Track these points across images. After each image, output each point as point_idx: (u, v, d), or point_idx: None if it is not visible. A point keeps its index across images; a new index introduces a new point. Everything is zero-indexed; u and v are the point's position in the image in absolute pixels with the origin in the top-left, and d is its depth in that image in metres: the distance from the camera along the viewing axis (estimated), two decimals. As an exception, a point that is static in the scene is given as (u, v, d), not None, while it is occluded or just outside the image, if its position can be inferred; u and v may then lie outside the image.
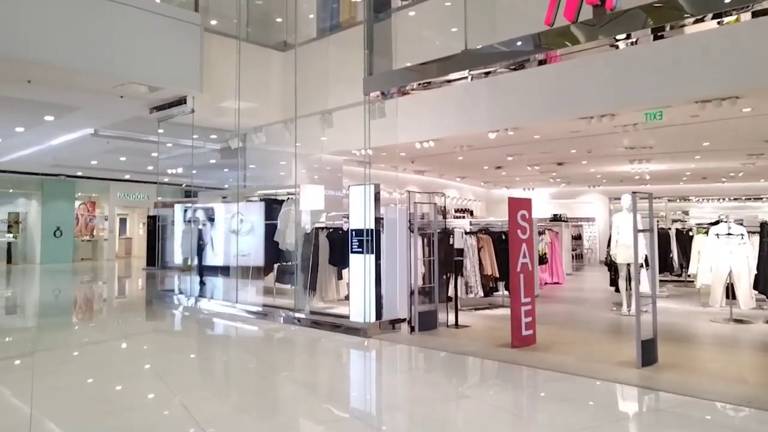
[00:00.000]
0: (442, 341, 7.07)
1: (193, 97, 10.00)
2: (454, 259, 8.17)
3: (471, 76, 6.72)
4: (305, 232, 8.97)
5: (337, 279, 8.99)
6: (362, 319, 7.49)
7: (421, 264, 7.78)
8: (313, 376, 5.97)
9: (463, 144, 11.13)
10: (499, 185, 21.76)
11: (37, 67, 8.25)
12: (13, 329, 8.75)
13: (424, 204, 7.83)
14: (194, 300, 10.56)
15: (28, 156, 17.19)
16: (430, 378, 5.77)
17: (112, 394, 5.12)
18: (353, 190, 7.70)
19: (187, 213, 11.71)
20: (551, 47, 5.98)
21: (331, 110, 8.87)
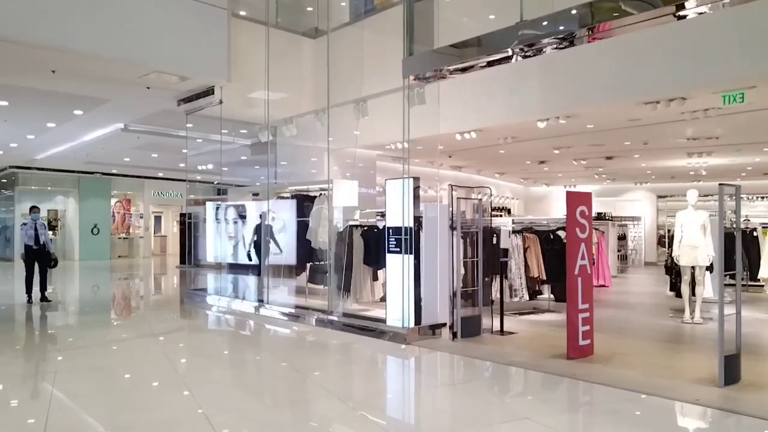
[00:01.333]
0: (487, 350, 6.41)
1: (221, 88, 9.58)
2: (500, 260, 7.48)
3: (517, 53, 6.04)
4: (338, 230, 8.42)
5: (372, 280, 8.40)
6: (400, 323, 6.89)
7: (462, 265, 7.12)
8: (347, 386, 5.39)
9: (507, 135, 10.39)
10: (539, 182, 20.79)
11: (60, 55, 7.94)
12: (54, 326, 8.49)
13: (466, 200, 7.17)
14: (226, 300, 10.16)
15: (63, 153, 17.22)
16: (476, 392, 5.12)
17: (132, 401, 4.65)
18: (390, 185, 7.10)
19: (217, 210, 11.39)
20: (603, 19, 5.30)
21: (365, 98, 8.27)
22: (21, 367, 5.99)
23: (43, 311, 9.41)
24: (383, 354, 6.65)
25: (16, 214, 21.52)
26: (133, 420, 4.25)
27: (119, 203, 25.30)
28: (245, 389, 5.27)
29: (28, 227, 10.20)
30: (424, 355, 6.45)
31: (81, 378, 5.55)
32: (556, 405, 4.90)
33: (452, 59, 6.49)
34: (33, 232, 10.15)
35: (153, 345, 7.05)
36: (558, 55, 7.06)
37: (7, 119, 12.55)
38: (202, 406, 4.50)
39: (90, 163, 19.98)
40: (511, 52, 6.12)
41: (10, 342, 7.29)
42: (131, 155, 17.93)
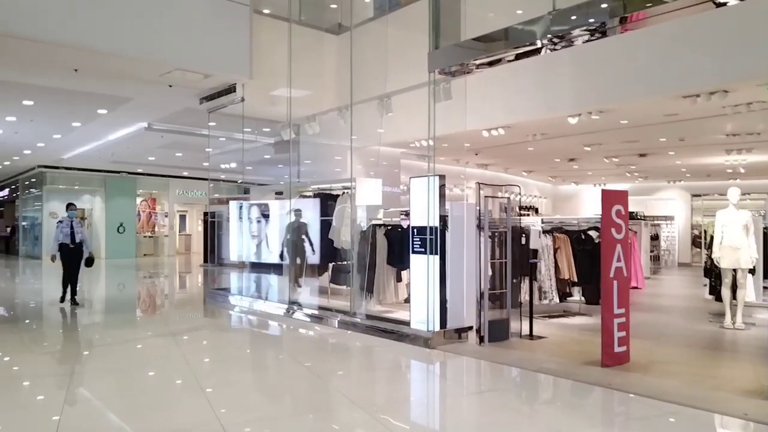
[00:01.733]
0: (517, 355, 6.12)
1: (242, 85, 9.44)
2: (530, 261, 7.18)
3: (546, 45, 5.75)
4: (361, 229, 8.20)
5: (395, 281, 8.18)
6: (425, 327, 6.64)
7: (489, 266, 6.83)
8: (369, 392, 5.17)
9: (536, 132, 10.04)
10: (568, 180, 20.26)
11: (82, 53, 7.89)
12: (79, 324, 8.47)
13: (494, 199, 6.88)
14: (248, 300, 10.04)
15: (88, 152, 17.38)
16: (505, 401, 4.85)
17: (149, 404, 4.50)
18: (415, 183, 6.86)
19: (240, 209, 11.33)
20: (636, 8, 4.99)
21: (390, 94, 8.03)
22: (40, 366, 5.91)
23: (71, 310, 9.33)
24: (407, 358, 6.41)
25: (44, 213, 21.86)
26: (149, 424, 4.09)
27: (145, 202, 25.52)
28: (264, 394, 5.09)
29: (64, 225, 9.71)
30: (449, 360, 6.20)
31: (99, 379, 5.44)
32: (590, 417, 4.61)
33: (479, 52, 6.22)
34: (69, 230, 9.66)
35: (173, 346, 6.93)
36: (590, 48, 6.72)
37: (33, 119, 12.64)
38: (219, 411, 4.32)
39: (116, 163, 20.15)
40: (540, 44, 5.83)
41: (31, 340, 7.25)
42: (156, 154, 18.02)
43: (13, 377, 5.49)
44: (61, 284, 9.82)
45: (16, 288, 14.23)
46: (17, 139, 15.26)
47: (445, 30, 6.53)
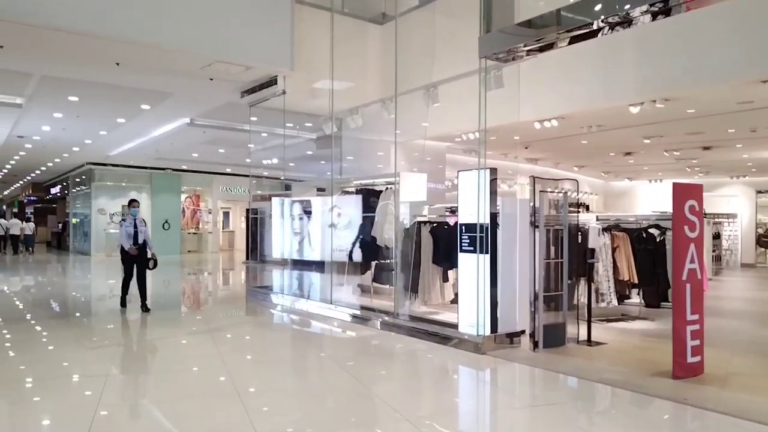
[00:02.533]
0: (575, 363, 5.64)
1: (284, 77, 9.20)
2: (588, 261, 6.65)
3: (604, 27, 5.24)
4: (406, 226, 7.83)
5: (441, 281, 7.76)
6: (474, 330, 6.21)
7: (543, 267, 6.35)
8: (414, 401, 4.80)
9: (592, 123, 9.42)
10: (621, 176, 19.27)
11: (123, 46, 7.77)
12: (122, 322, 8.42)
13: (549, 195, 6.39)
14: (290, 298, 9.83)
15: (134, 149, 17.60)
16: (564, 415, 4.39)
17: (183, 409, 4.26)
18: (464, 177, 6.43)
19: (282, 206, 11.18)
20: None
21: (436, 83, 7.61)
22: (79, 365, 5.78)
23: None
24: (455, 364, 6.00)
25: (92, 210, 22.36)
26: (181, 430, 3.85)
27: (189, 199, 25.84)
28: (303, 400, 4.77)
29: (128, 224, 8.85)
30: (501, 366, 5.76)
31: (135, 380, 5.26)
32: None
33: (534, 35, 5.73)
34: (133, 229, 8.81)
35: (212, 346, 6.72)
36: (656, 29, 6.15)
37: (79, 115, 12.78)
38: (254, 417, 4.03)
39: (160, 159, 20.40)
40: (596, 26, 5.32)
41: (73, 337, 7.18)
42: (199, 150, 18.10)
43: (53, 376, 5.36)
44: (121, 288, 9.13)
45: (66, 284, 14.48)
46: (65, 136, 15.54)
47: (497, 13, 6.07)
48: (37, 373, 5.40)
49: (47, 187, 31.81)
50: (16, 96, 11.21)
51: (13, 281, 14.58)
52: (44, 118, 13.08)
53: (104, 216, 22.49)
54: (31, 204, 34.92)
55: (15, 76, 9.67)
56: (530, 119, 8.54)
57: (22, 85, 10.33)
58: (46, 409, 4.46)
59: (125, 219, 9.03)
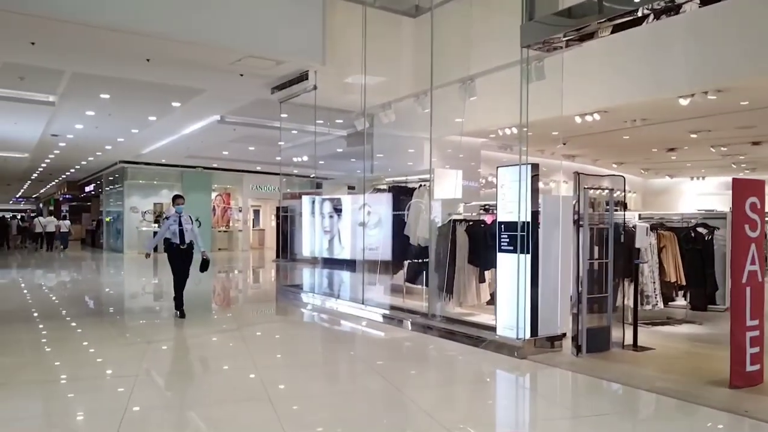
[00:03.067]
0: (621, 370, 5.32)
1: (315, 72, 9.03)
2: (634, 261, 6.30)
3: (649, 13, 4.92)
4: (440, 225, 7.58)
5: (477, 281, 7.49)
6: (513, 333, 5.94)
7: (587, 267, 6.03)
8: (451, 409, 4.57)
9: (636, 117, 8.99)
10: (662, 173, 18.55)
11: (153, 41, 7.71)
12: (151, 320, 8.41)
13: (594, 192, 6.07)
14: (320, 298, 9.67)
15: (165, 147, 17.72)
16: (613, 427, 4.09)
17: (210, 414, 4.11)
18: (503, 173, 6.16)
19: (312, 204, 11.08)
20: None
21: (473, 76, 7.34)
22: (107, 366, 5.70)
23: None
24: (493, 369, 5.74)
25: (125, 207, 22.65)
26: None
27: (219, 197, 25.99)
28: (334, 407, 4.57)
29: (171, 221, 8.14)
30: (542, 372, 5.47)
31: (162, 382, 5.15)
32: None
33: (576, 24, 5.42)
34: (177, 227, 8.08)
35: (242, 346, 6.59)
36: (710, 14, 5.77)
37: (111, 113, 12.85)
38: (285, 423, 3.85)
39: (191, 157, 20.53)
40: (641, 13, 5.00)
41: (106, 336, 7.14)
42: (229, 148, 18.14)
43: (76, 377, 5.29)
44: (173, 290, 8.33)
45: (99, 281, 14.63)
46: (98, 135, 15.70)
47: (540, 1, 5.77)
48: (67, 370, 5.34)
49: (82, 186, 32.44)
50: (49, 94, 11.28)
51: (49, 277, 14.84)
52: (77, 116, 13.21)
53: (136, 214, 22.77)
54: (67, 202, 35.68)
55: (47, 73, 9.72)
56: (571, 113, 8.18)
57: (54, 83, 10.40)
58: (76, 408, 4.37)
59: (169, 216, 8.29)
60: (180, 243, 8.07)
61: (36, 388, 4.80)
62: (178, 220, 8.13)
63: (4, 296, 10.81)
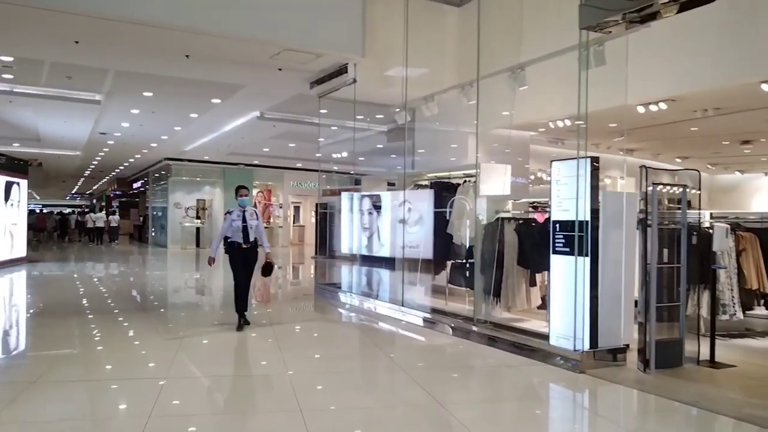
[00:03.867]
0: (699, 391, 4.69)
1: (354, 65, 8.65)
2: (712, 266, 5.64)
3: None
4: (487, 223, 7.08)
5: (528, 285, 6.95)
6: (570, 344, 5.39)
7: (655, 272, 5.42)
8: (500, 427, 4.08)
9: (707, 106, 8.18)
10: (731, 168, 17.18)
11: (193, 37, 7.52)
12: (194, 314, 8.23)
13: (663, 188, 5.45)
14: (358, 298, 9.31)
15: (207, 144, 17.76)
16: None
17: (234, 421, 3.78)
18: (558, 168, 5.61)
19: (351, 201, 10.80)
20: None
21: (524, 64, 6.79)
22: (133, 368, 5.46)
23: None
24: (547, 384, 5.21)
25: (169, 203, 22.93)
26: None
27: (261, 193, 26.08)
28: (370, 424, 4.16)
29: (235, 216, 7.10)
30: (604, 389, 4.92)
31: (190, 385, 4.84)
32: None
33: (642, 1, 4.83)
34: (241, 223, 7.07)
35: (274, 348, 6.25)
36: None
37: (155, 111, 12.87)
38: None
39: (233, 154, 20.58)
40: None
41: (137, 327, 6.96)
42: (269, 145, 18.04)
43: (104, 379, 5.06)
44: (234, 296, 7.27)
45: (144, 275, 14.72)
46: (143, 132, 15.85)
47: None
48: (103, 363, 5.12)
49: (130, 182, 33.23)
50: (95, 93, 11.39)
51: (98, 268, 15.28)
52: (122, 114, 13.30)
53: (179, 210, 23.03)
54: (117, 198, 36.66)
55: (92, 72, 9.77)
56: (634, 102, 7.50)
57: (99, 82, 10.45)
58: (87, 410, 4.11)
59: (231, 211, 7.22)
60: (243, 242, 7.07)
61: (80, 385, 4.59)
62: (242, 215, 7.11)
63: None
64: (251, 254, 7.18)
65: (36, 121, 14.16)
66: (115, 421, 4.09)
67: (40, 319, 8.15)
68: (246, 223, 7.06)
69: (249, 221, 7.08)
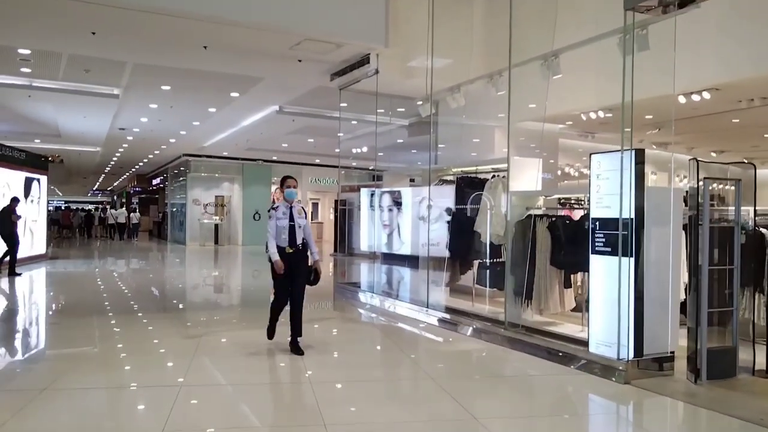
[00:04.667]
0: (758, 406, 4.29)
1: (377, 55, 8.31)
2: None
3: None
4: (517, 221, 6.70)
5: (561, 286, 6.55)
6: (611, 352, 5.00)
7: (706, 275, 5.00)
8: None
9: (754, 96, 7.68)
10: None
11: (211, 27, 7.26)
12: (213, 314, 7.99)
13: (715, 183, 5.03)
14: (379, 298, 8.99)
15: (226, 140, 17.58)
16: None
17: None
18: (599, 161, 5.21)
19: (371, 197, 10.52)
20: None
21: (558, 51, 6.37)
22: (152, 371, 5.20)
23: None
24: (588, 395, 4.82)
25: (188, 200, 22.83)
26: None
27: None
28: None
29: (281, 213, 5.70)
30: (651, 403, 4.52)
31: (206, 391, 4.56)
32: None
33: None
34: (287, 221, 5.68)
35: (295, 356, 5.95)
36: None
37: (173, 105, 12.68)
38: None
39: (251, 150, 20.40)
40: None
41: (156, 327, 6.72)
42: (288, 140, 17.79)
43: (121, 384, 4.80)
44: (270, 313, 5.98)
45: (163, 273, 14.58)
46: (162, 128, 15.70)
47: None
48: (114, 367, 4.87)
49: (150, 179, 33.33)
50: (113, 87, 11.25)
51: (119, 264, 15.09)
52: (141, 108, 13.15)
53: (198, 206, 22.93)
54: (137, 194, 36.85)
55: (110, 65, 9.59)
56: (676, 91, 7.02)
57: (117, 76, 10.28)
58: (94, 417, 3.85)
59: (276, 207, 5.81)
60: (289, 244, 5.68)
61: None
62: (289, 212, 5.70)
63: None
64: (300, 261, 5.76)
65: (56, 117, 14.10)
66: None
67: (59, 318, 7.98)
68: (294, 222, 5.69)
69: (297, 220, 5.70)
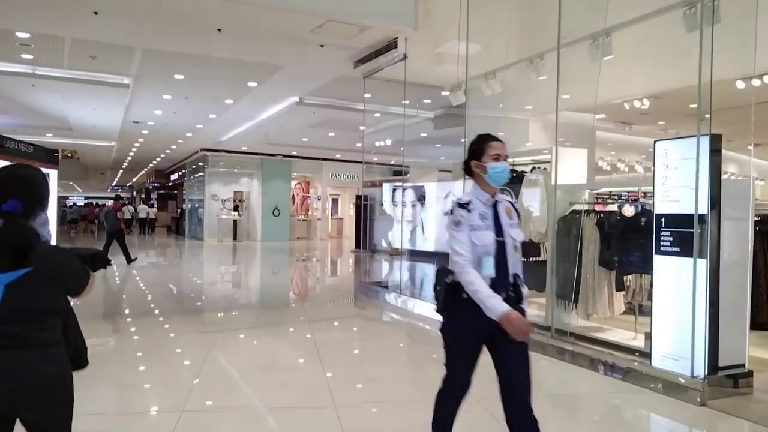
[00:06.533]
0: None
1: (405, 39, 7.74)
2: None
3: None
4: (561, 216, 6.11)
5: (611, 289, 5.94)
6: (680, 368, 4.39)
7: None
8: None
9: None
10: (809, 157, 15.55)
11: (225, 6, 6.72)
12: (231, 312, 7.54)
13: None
14: (402, 299, 8.45)
15: (244, 134, 17.15)
16: None
17: None
18: (665, 148, 4.61)
19: (394, 192, 10.07)
20: None
21: (610, 29, 5.74)
22: (166, 371, 4.72)
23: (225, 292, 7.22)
24: (656, 419, 4.22)
25: (206, 196, 22.49)
26: None
27: (299, 185, 25.52)
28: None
29: (476, 214, 2.64)
30: (737, 430, 3.90)
31: (217, 390, 4.06)
32: None
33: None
34: (492, 234, 2.63)
35: (317, 370, 5.44)
36: None
37: (188, 96, 12.22)
38: None
39: (271, 145, 19.96)
40: None
41: (175, 323, 6.26)
42: (308, 134, 17.29)
43: (132, 385, 4.32)
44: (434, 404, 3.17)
45: (180, 269, 14.24)
46: (177, 121, 15.28)
47: None
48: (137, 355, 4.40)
49: (168, 174, 33.15)
50: (123, 76, 10.75)
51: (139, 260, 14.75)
52: (154, 100, 12.70)
53: (216, 202, 22.58)
54: (155, 190, 36.75)
55: (117, 51, 9.05)
56: (729, 77, 6.37)
57: (126, 63, 9.77)
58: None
59: (466, 203, 2.64)
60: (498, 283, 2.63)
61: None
62: (492, 214, 2.69)
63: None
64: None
65: (64, 109, 13.70)
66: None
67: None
68: (502, 235, 2.69)
69: (509, 230, 2.71)
